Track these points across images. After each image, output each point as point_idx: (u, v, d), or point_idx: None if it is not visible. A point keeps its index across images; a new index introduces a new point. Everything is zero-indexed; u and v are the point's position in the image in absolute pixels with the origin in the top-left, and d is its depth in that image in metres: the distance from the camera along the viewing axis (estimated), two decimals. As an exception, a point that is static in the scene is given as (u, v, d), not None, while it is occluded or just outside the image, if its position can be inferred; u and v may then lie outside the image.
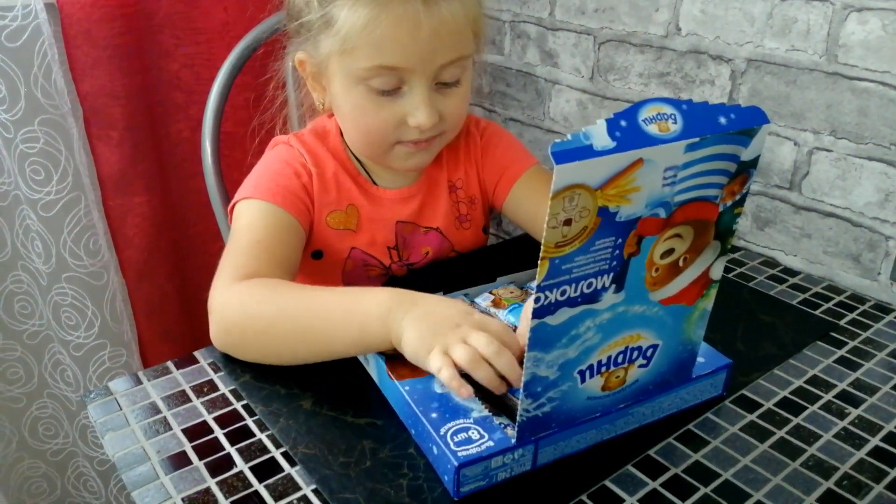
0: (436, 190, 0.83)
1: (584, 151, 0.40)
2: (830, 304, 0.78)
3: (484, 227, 0.88)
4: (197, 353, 0.67)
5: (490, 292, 0.70)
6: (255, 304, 0.63)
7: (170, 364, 0.66)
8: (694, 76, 1.01)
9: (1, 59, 0.98)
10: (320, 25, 0.69)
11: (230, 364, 0.65)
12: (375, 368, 0.61)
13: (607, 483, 0.52)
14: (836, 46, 0.85)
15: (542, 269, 0.43)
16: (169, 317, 1.26)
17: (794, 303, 0.78)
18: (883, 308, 0.77)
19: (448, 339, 0.53)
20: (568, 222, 0.42)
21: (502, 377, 0.53)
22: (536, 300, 0.44)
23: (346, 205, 0.78)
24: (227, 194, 0.92)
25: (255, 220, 0.72)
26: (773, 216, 0.97)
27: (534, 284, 0.72)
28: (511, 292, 0.70)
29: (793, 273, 0.85)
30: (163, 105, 1.15)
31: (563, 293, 0.45)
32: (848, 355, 0.69)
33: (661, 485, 0.52)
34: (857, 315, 0.76)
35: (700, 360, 0.59)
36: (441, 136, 0.75)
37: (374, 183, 0.80)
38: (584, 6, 1.12)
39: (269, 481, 0.52)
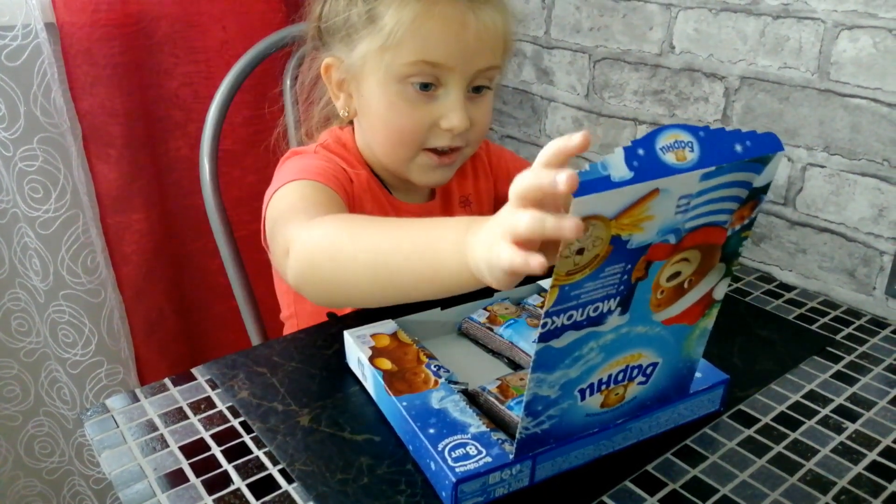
0: (450, 205, 0.84)
1: (602, 183, 0.39)
2: (826, 319, 0.78)
3: None
4: (194, 370, 0.67)
5: (485, 308, 0.71)
6: (331, 230, 0.59)
7: (167, 381, 0.65)
8: (688, 93, 1.02)
9: (1, 78, 0.99)
10: (363, 22, 0.70)
11: (228, 381, 0.65)
12: (373, 384, 0.61)
13: (605, 499, 0.52)
14: (828, 64, 0.86)
15: (551, 296, 0.42)
16: (166, 334, 1.26)
17: (791, 318, 0.79)
18: (879, 323, 0.78)
19: (492, 247, 0.43)
20: (580, 251, 0.41)
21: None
22: (543, 325, 0.44)
23: (377, 216, 0.78)
24: (225, 212, 0.92)
25: (307, 192, 0.69)
26: (769, 232, 0.97)
27: (530, 301, 0.73)
28: (506, 308, 0.70)
29: (789, 288, 0.85)
30: (161, 123, 1.15)
31: (569, 318, 0.45)
32: (845, 370, 0.69)
33: (660, 500, 0.52)
34: (854, 330, 0.76)
35: (697, 375, 0.59)
36: (463, 151, 0.75)
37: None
38: (580, 25, 1.14)
39: (267, 498, 0.52)
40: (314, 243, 0.59)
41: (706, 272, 0.50)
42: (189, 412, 0.61)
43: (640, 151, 0.40)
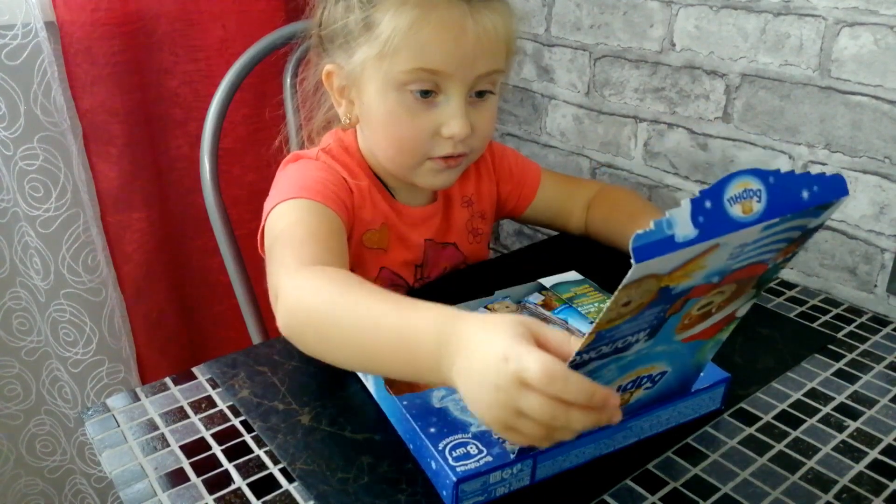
0: (452, 206, 0.84)
1: (666, 245, 0.37)
2: (828, 317, 0.78)
3: (488, 242, 0.90)
4: (195, 370, 0.67)
5: (486, 307, 0.71)
6: (314, 296, 0.58)
7: (168, 380, 0.65)
8: (689, 91, 1.02)
9: (1, 77, 0.99)
10: (360, 29, 0.69)
11: (228, 380, 0.65)
12: (374, 383, 0.61)
13: (606, 498, 0.52)
14: (829, 61, 0.86)
15: (587, 340, 0.42)
16: (167, 333, 1.26)
17: (792, 315, 0.78)
18: (880, 320, 0.77)
19: (498, 414, 0.44)
20: (627, 304, 0.40)
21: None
22: (571, 362, 0.43)
23: (380, 223, 0.77)
24: (226, 210, 0.92)
25: (304, 216, 0.69)
26: (770, 229, 0.97)
27: (531, 299, 0.72)
28: (507, 307, 0.70)
29: (790, 286, 0.85)
30: (161, 121, 1.15)
31: (598, 352, 0.44)
32: (846, 368, 0.69)
33: (661, 499, 0.52)
34: (855, 327, 0.76)
35: (698, 374, 0.59)
36: (468, 156, 0.74)
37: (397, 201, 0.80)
38: (580, 22, 1.14)
39: (268, 497, 0.52)
40: (299, 314, 0.58)
41: (736, 298, 0.50)
42: (190, 411, 0.61)
43: (708, 204, 0.39)
